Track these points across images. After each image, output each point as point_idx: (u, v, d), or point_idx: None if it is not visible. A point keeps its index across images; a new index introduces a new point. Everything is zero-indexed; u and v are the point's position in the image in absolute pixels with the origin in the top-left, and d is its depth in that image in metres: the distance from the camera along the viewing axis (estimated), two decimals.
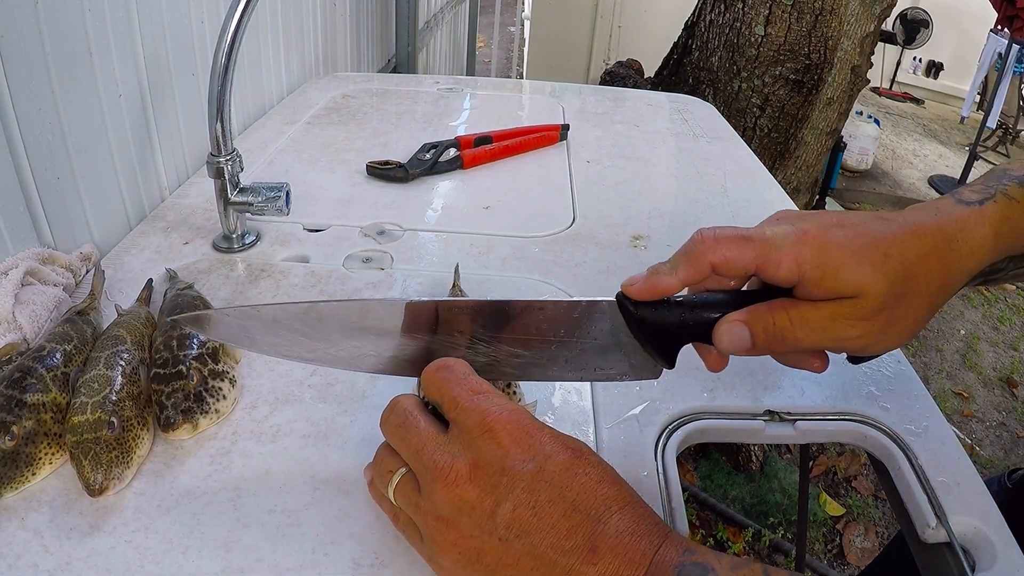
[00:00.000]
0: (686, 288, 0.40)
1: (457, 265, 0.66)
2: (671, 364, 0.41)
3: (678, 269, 0.39)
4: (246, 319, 0.40)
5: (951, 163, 4.55)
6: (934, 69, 5.75)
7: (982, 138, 4.26)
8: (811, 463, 2.00)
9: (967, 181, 4.06)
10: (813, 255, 0.37)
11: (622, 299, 0.40)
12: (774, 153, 2.21)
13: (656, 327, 0.40)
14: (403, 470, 0.38)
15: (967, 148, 4.44)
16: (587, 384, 0.55)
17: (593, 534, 0.33)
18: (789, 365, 0.42)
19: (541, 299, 0.40)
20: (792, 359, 0.42)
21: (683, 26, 2.40)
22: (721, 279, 0.40)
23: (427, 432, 0.37)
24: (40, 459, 0.44)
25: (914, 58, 5.75)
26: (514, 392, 0.50)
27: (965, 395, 2.43)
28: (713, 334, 0.40)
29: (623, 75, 3.36)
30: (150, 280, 0.62)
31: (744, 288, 0.42)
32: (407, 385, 0.54)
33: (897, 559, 0.88)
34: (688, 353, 0.59)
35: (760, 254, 0.38)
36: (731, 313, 0.39)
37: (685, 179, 0.96)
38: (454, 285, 0.63)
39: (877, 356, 0.42)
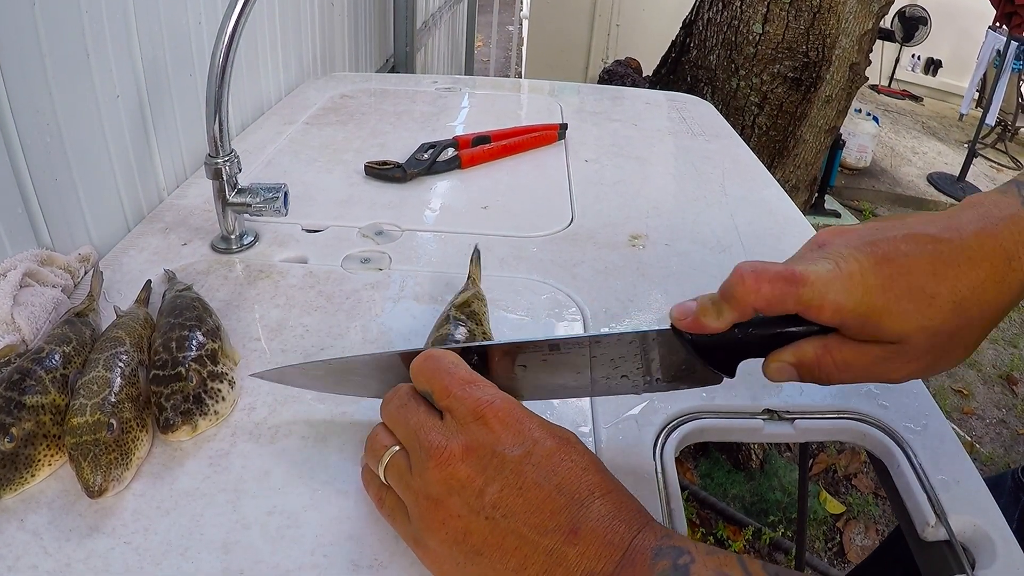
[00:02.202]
0: None
1: (476, 246, 0.66)
2: (732, 375, 0.42)
3: (723, 314, 0.39)
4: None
5: (950, 160, 4.56)
6: (933, 66, 5.75)
7: (981, 135, 4.26)
8: (811, 461, 2.00)
9: (966, 178, 4.05)
10: (854, 304, 0.36)
11: (675, 329, 0.41)
12: (773, 151, 2.21)
13: (712, 349, 0.41)
14: (396, 448, 0.39)
15: (966, 145, 4.44)
16: None
17: (575, 517, 0.35)
18: None
19: (598, 333, 0.44)
20: None
21: (681, 24, 2.40)
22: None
23: (425, 415, 0.39)
24: (39, 461, 0.43)
25: (913, 55, 5.75)
26: None
27: (965, 392, 2.43)
28: (764, 367, 0.41)
29: (621, 74, 3.36)
30: (149, 281, 0.62)
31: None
32: None
33: (893, 554, 0.88)
34: None
35: (803, 299, 0.37)
36: (780, 352, 0.40)
37: (684, 178, 0.96)
38: (469, 276, 0.63)
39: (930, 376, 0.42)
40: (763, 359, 0.41)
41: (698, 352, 0.41)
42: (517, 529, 0.35)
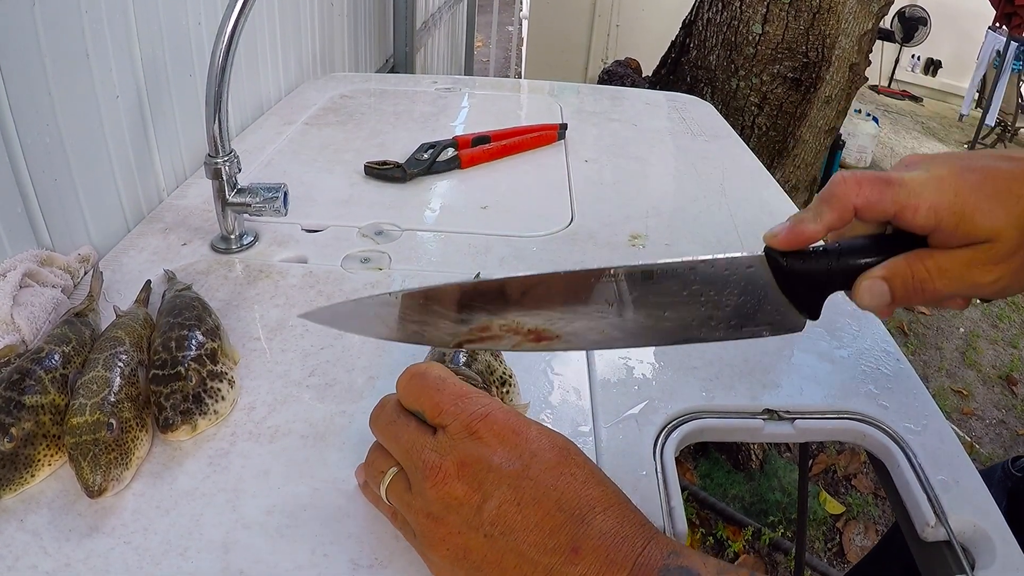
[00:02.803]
0: (828, 236, 0.40)
1: (479, 274, 0.66)
2: (816, 315, 0.41)
3: (822, 215, 0.39)
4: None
5: None
6: (932, 67, 5.75)
7: (981, 135, 4.26)
8: (811, 461, 2.00)
9: None
10: (948, 202, 0.37)
11: (770, 252, 0.40)
12: (772, 151, 2.21)
13: (804, 278, 0.40)
14: (395, 469, 0.38)
15: (966, 146, 4.44)
16: (586, 383, 0.55)
17: (576, 534, 0.33)
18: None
19: (689, 259, 0.39)
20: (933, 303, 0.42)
21: (681, 25, 2.40)
22: (858, 226, 0.40)
23: (416, 432, 0.38)
24: (39, 461, 0.43)
25: (912, 56, 5.75)
26: (507, 391, 0.51)
27: (964, 393, 2.43)
28: (854, 292, 0.40)
29: (621, 74, 3.36)
30: (148, 281, 0.62)
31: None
32: None
33: (890, 553, 0.88)
34: (685, 353, 0.60)
35: (898, 199, 0.38)
36: (871, 270, 0.39)
37: (683, 178, 0.96)
38: None
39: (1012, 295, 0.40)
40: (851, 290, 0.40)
41: (785, 289, 0.40)
42: (516, 547, 0.34)
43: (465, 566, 0.35)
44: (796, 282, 0.40)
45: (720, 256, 0.39)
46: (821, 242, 0.40)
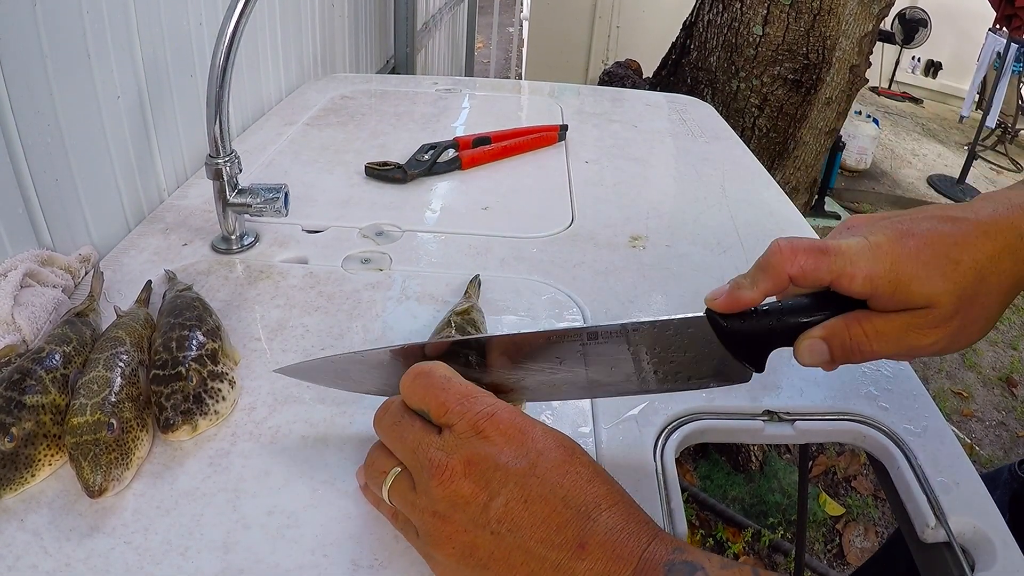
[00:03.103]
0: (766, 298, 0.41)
1: (478, 276, 0.66)
2: (761, 369, 0.42)
3: (758, 283, 0.40)
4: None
5: (950, 162, 4.56)
6: (933, 68, 5.75)
7: (981, 137, 4.26)
8: (810, 463, 2.00)
9: (966, 180, 4.05)
10: (884, 271, 0.38)
11: (711, 314, 0.41)
12: (773, 153, 2.21)
13: (746, 337, 0.41)
14: (397, 469, 0.38)
15: (966, 147, 4.44)
16: None
17: (583, 530, 0.34)
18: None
19: (634, 320, 0.41)
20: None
21: (681, 26, 2.40)
22: (797, 289, 0.41)
23: (422, 431, 0.38)
24: (39, 461, 0.44)
25: (913, 57, 5.75)
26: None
27: (964, 395, 2.43)
28: (795, 350, 0.41)
29: (621, 75, 3.36)
30: (149, 281, 0.62)
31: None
32: None
33: (892, 556, 0.88)
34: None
35: (835, 268, 0.39)
36: (810, 330, 0.40)
37: (684, 179, 0.96)
38: (467, 293, 0.63)
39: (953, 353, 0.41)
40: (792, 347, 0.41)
41: (728, 346, 0.41)
42: (523, 544, 0.34)
43: (471, 564, 0.35)
44: (738, 341, 0.41)
45: (663, 318, 0.41)
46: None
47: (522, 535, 0.34)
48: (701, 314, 0.42)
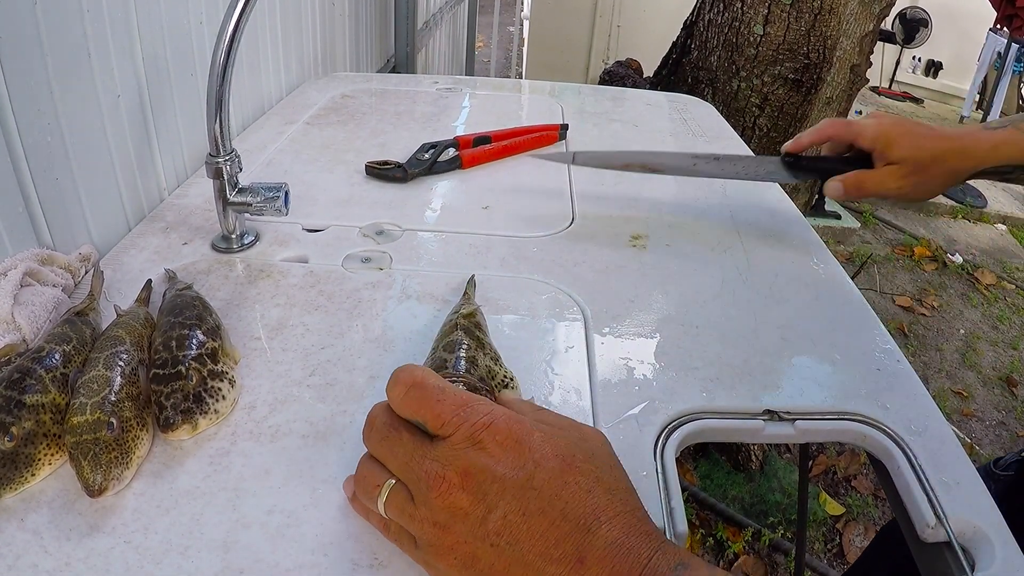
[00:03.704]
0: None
1: (473, 276, 0.66)
2: (800, 178, 0.79)
3: (809, 136, 0.75)
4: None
5: None
6: (933, 68, 5.75)
7: None
8: (811, 463, 2.00)
9: (966, 181, 4.09)
10: (883, 135, 0.70)
11: (783, 156, 0.78)
12: (773, 152, 2.21)
13: (802, 163, 0.77)
14: (391, 482, 0.38)
15: None
16: (586, 384, 0.55)
17: (581, 544, 0.33)
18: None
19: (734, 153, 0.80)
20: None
21: (682, 26, 2.40)
22: (835, 145, 0.76)
23: (412, 443, 0.37)
24: (39, 460, 0.44)
25: (913, 57, 5.75)
26: (506, 377, 0.51)
27: (964, 394, 2.43)
28: (824, 187, 0.74)
29: (622, 75, 3.36)
30: (149, 281, 0.62)
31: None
32: None
33: (885, 551, 0.89)
34: (686, 353, 0.60)
35: (853, 131, 0.73)
36: (837, 176, 0.73)
37: (684, 179, 0.95)
38: (466, 293, 0.63)
39: (914, 203, 0.59)
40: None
41: (791, 169, 0.78)
42: (523, 558, 0.34)
43: (473, 573, 0.35)
44: (796, 167, 0.77)
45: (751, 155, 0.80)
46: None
47: (521, 548, 0.34)
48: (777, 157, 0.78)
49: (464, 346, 0.51)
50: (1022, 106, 4.49)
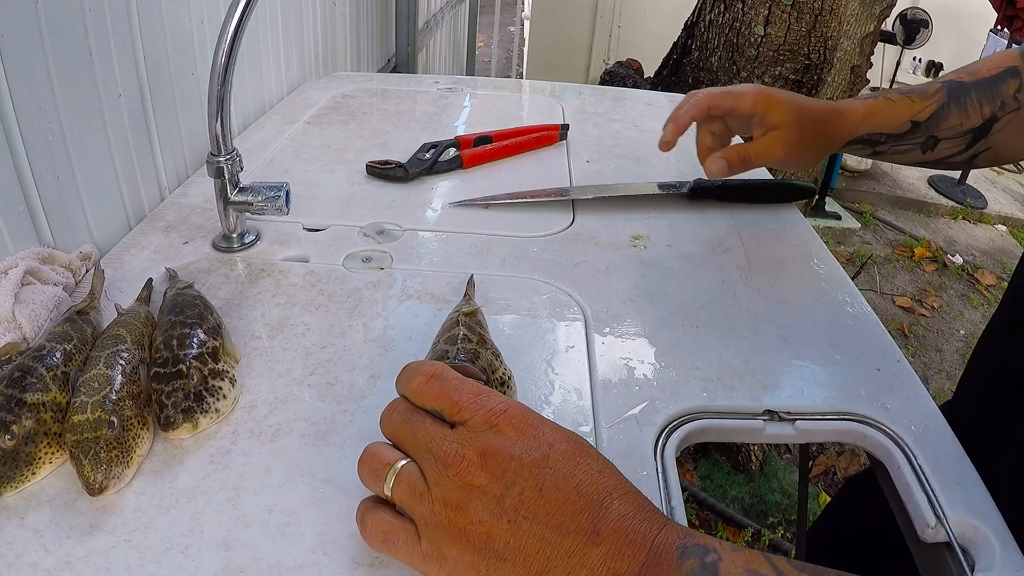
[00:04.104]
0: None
1: (472, 276, 0.66)
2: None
3: (688, 112, 0.74)
4: None
5: None
6: (934, 69, 5.75)
7: None
8: (811, 463, 2.00)
9: (966, 181, 4.05)
10: (763, 99, 0.69)
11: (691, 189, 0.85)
12: None
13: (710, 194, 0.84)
14: (402, 463, 0.38)
15: None
16: (587, 383, 0.55)
17: (596, 517, 0.35)
18: None
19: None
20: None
21: (683, 26, 2.40)
22: (714, 114, 0.73)
23: (433, 426, 0.38)
24: (40, 458, 0.44)
25: (914, 58, 5.75)
26: (505, 392, 0.51)
27: None
28: (705, 169, 0.74)
29: (623, 75, 3.36)
30: (150, 279, 0.62)
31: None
32: None
33: (853, 504, 0.89)
34: (686, 353, 0.60)
35: (733, 97, 0.71)
36: (714, 153, 0.73)
37: (684, 179, 0.95)
38: (466, 295, 0.63)
39: (795, 169, 0.60)
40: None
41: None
42: (538, 531, 0.34)
43: (486, 555, 0.35)
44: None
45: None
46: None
47: (537, 522, 0.35)
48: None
49: (466, 339, 0.52)
50: None
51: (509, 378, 0.51)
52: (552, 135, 1.03)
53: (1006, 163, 0.76)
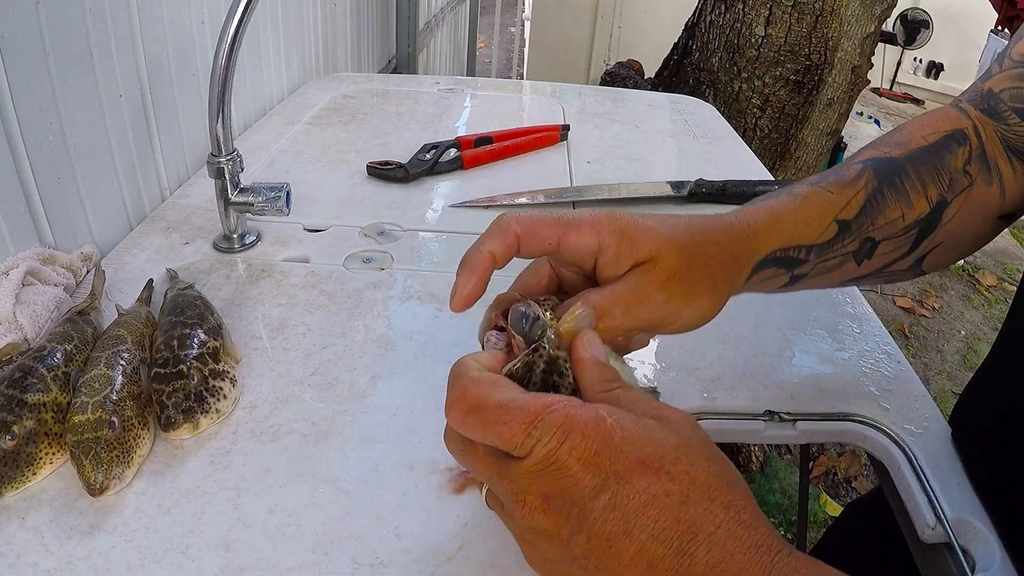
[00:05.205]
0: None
1: None
2: None
3: (486, 244, 0.41)
4: None
5: None
6: (934, 70, 5.74)
7: None
8: (811, 464, 2.00)
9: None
10: (609, 224, 0.38)
11: None
12: (774, 154, 2.21)
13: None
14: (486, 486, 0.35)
15: None
16: None
17: (678, 569, 0.29)
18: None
19: None
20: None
21: (683, 27, 2.40)
22: (527, 252, 0.41)
23: (487, 460, 0.33)
24: (41, 459, 0.44)
25: (914, 59, 5.75)
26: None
27: None
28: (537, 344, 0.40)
29: (623, 76, 3.36)
30: (150, 280, 0.62)
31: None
32: (406, 385, 0.54)
33: (852, 531, 0.88)
34: (686, 354, 0.60)
35: (560, 225, 0.39)
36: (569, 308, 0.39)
37: (685, 180, 0.95)
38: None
39: (682, 331, 0.42)
40: None
41: None
42: None
43: None
44: None
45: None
46: None
47: (611, 572, 0.31)
48: None
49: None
50: None
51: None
52: (553, 136, 1.03)
53: (957, 260, 0.55)
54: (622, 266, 0.39)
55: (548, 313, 0.39)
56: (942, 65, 5.69)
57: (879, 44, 2.50)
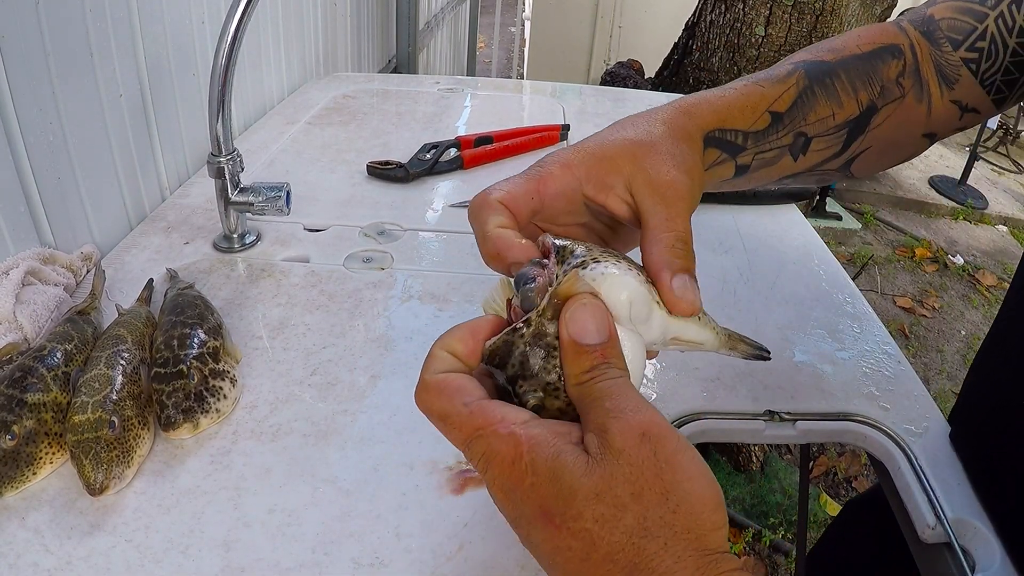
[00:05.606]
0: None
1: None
2: None
3: (515, 250, 0.41)
4: None
5: (951, 164, 4.55)
6: None
7: (982, 139, 4.26)
8: (811, 463, 2.00)
9: (967, 181, 4.05)
10: (576, 155, 0.43)
11: None
12: None
13: None
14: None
15: (967, 149, 4.44)
16: None
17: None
18: None
19: None
20: None
21: (683, 27, 2.40)
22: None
23: (452, 435, 0.32)
24: (41, 458, 0.44)
25: None
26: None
27: None
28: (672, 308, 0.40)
29: (623, 75, 3.36)
30: (151, 280, 0.62)
31: None
32: (406, 385, 0.54)
33: (856, 524, 0.87)
34: (686, 354, 0.60)
35: (533, 179, 0.42)
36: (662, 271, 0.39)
37: None
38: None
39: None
40: None
41: None
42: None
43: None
44: None
45: None
46: None
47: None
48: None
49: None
50: (1023, 107, 4.48)
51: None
52: (553, 135, 1.03)
53: (884, 169, 0.55)
54: (617, 183, 0.41)
55: (582, 267, 0.34)
56: None
57: None
